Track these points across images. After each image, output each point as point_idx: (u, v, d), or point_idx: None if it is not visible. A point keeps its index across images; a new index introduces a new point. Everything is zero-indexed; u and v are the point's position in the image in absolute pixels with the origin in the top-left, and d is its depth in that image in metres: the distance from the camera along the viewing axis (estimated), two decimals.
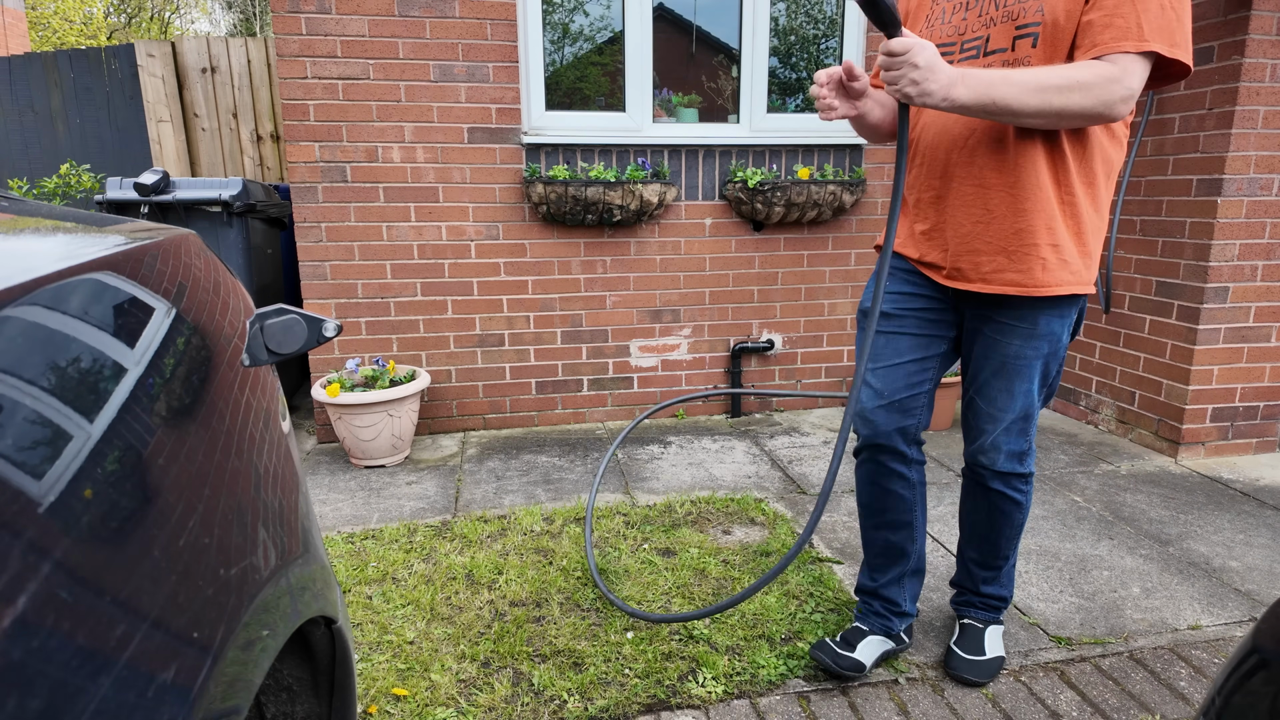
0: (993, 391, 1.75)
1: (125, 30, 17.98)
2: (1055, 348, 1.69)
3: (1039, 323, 1.66)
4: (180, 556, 0.66)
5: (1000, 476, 1.82)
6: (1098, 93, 1.42)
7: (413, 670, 1.93)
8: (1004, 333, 1.69)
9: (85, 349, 0.65)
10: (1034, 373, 1.71)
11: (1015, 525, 1.87)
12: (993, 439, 1.78)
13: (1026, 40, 1.53)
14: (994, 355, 1.72)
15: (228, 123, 4.89)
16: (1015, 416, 1.75)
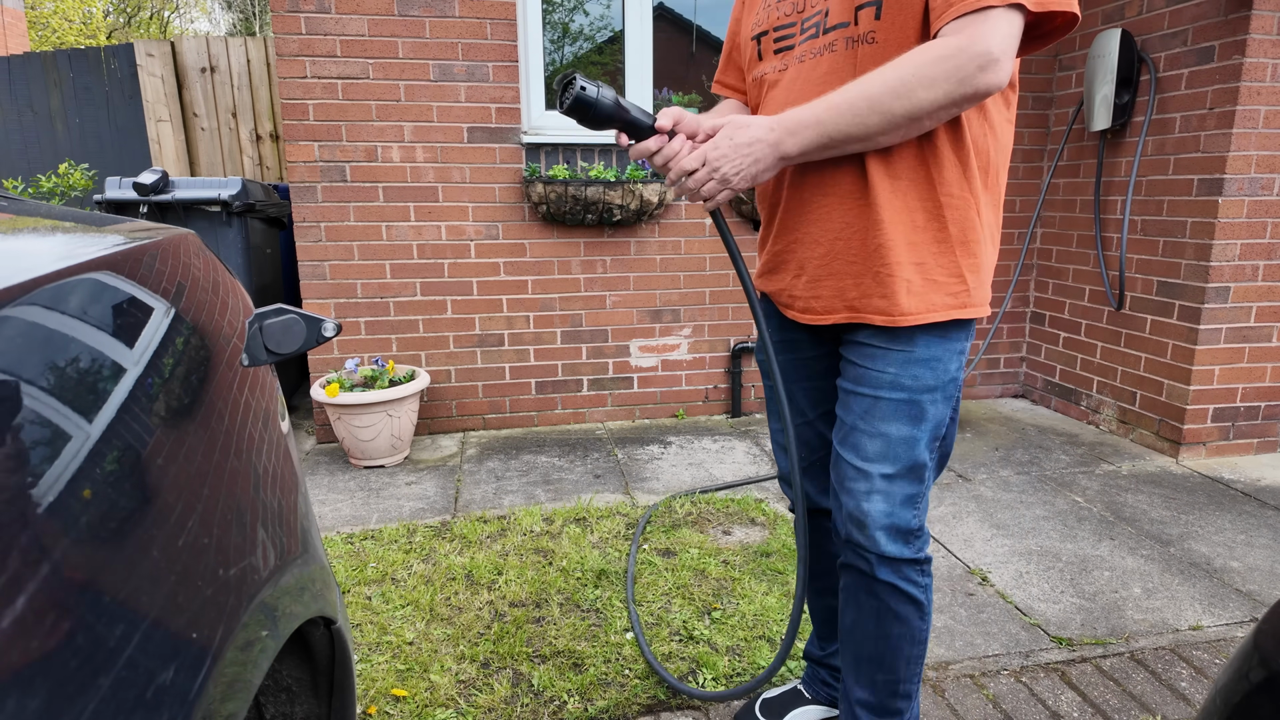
0: (861, 438, 1.31)
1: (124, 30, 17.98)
2: (941, 380, 1.29)
3: (917, 344, 1.28)
4: (179, 557, 0.66)
5: (887, 563, 1.33)
6: (946, 75, 1.11)
7: (412, 671, 1.93)
8: (875, 359, 1.30)
9: (84, 349, 0.64)
10: (916, 414, 1.28)
11: (916, 640, 1.38)
12: (865, 505, 1.31)
13: (869, 10, 1.22)
14: (863, 389, 1.31)
15: (227, 122, 4.89)
16: (894, 473, 1.29)
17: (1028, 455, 3.41)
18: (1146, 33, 3.38)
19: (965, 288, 1.27)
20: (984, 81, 1.12)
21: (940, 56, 1.11)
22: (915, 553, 1.34)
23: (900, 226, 1.25)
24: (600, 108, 1.19)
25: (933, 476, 1.35)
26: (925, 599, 1.37)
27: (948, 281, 1.26)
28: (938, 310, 1.26)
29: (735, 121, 1.20)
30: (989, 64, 1.10)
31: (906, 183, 1.24)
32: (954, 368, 1.30)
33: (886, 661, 1.38)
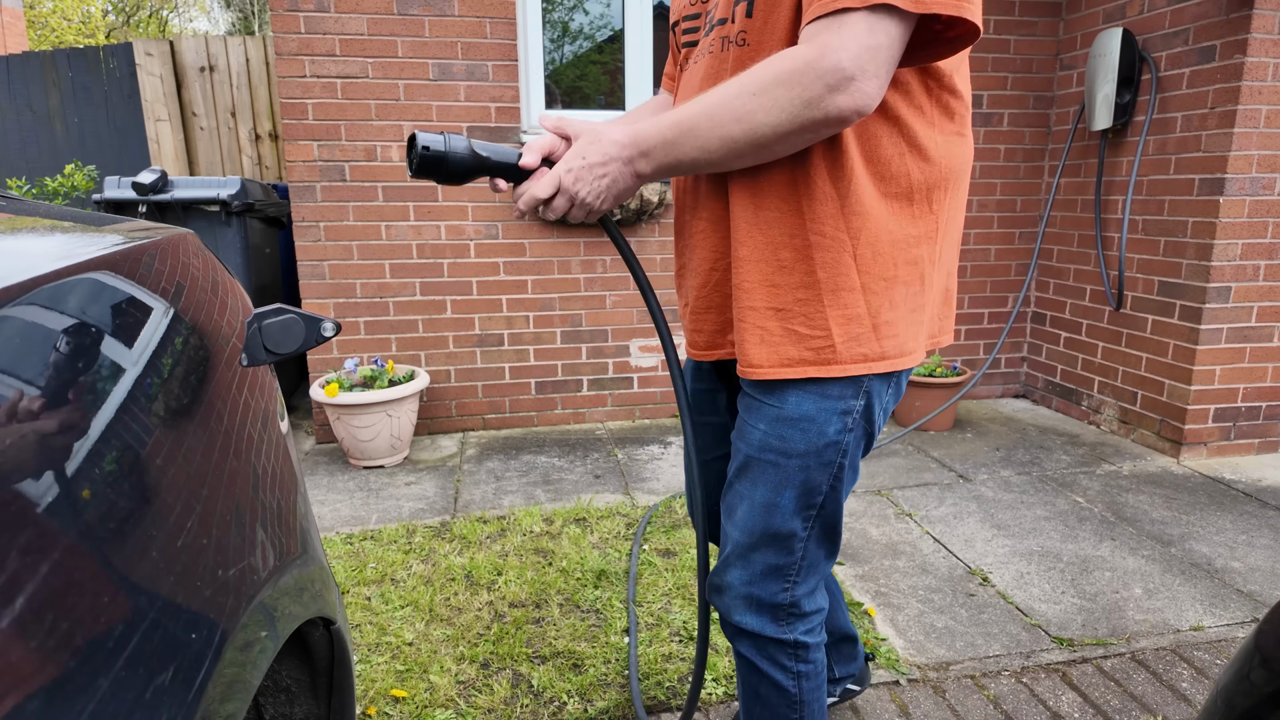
0: (731, 496, 1.19)
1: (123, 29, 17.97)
2: (814, 445, 1.10)
3: (787, 401, 1.10)
4: (178, 557, 0.65)
5: (745, 637, 1.20)
6: (790, 98, 0.92)
7: (411, 671, 1.92)
8: (750, 412, 1.15)
9: (83, 349, 0.64)
10: (783, 480, 1.12)
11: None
12: (724, 570, 1.20)
13: (741, 7, 1.05)
14: (739, 443, 1.17)
15: (226, 121, 4.89)
16: (752, 540, 1.15)
17: (1029, 455, 3.41)
18: (1148, 32, 3.37)
19: (830, 343, 1.06)
20: (837, 105, 0.91)
21: (782, 74, 0.92)
22: (781, 632, 1.18)
23: (761, 265, 1.07)
24: (453, 161, 1.05)
25: (819, 551, 1.17)
26: (794, 687, 1.20)
27: (810, 334, 1.06)
28: (791, 366, 1.08)
29: (588, 136, 1.06)
30: (841, 83, 0.90)
31: (773, 214, 1.06)
32: (833, 430, 1.10)
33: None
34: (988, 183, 3.99)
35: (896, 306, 1.08)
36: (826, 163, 1.02)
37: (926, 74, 1.03)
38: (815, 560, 1.18)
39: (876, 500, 2.94)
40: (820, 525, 1.16)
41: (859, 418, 1.11)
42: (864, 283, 1.05)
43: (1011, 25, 3.82)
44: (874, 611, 2.18)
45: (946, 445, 3.55)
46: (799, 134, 0.95)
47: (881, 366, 1.08)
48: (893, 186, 1.04)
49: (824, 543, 1.18)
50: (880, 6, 0.89)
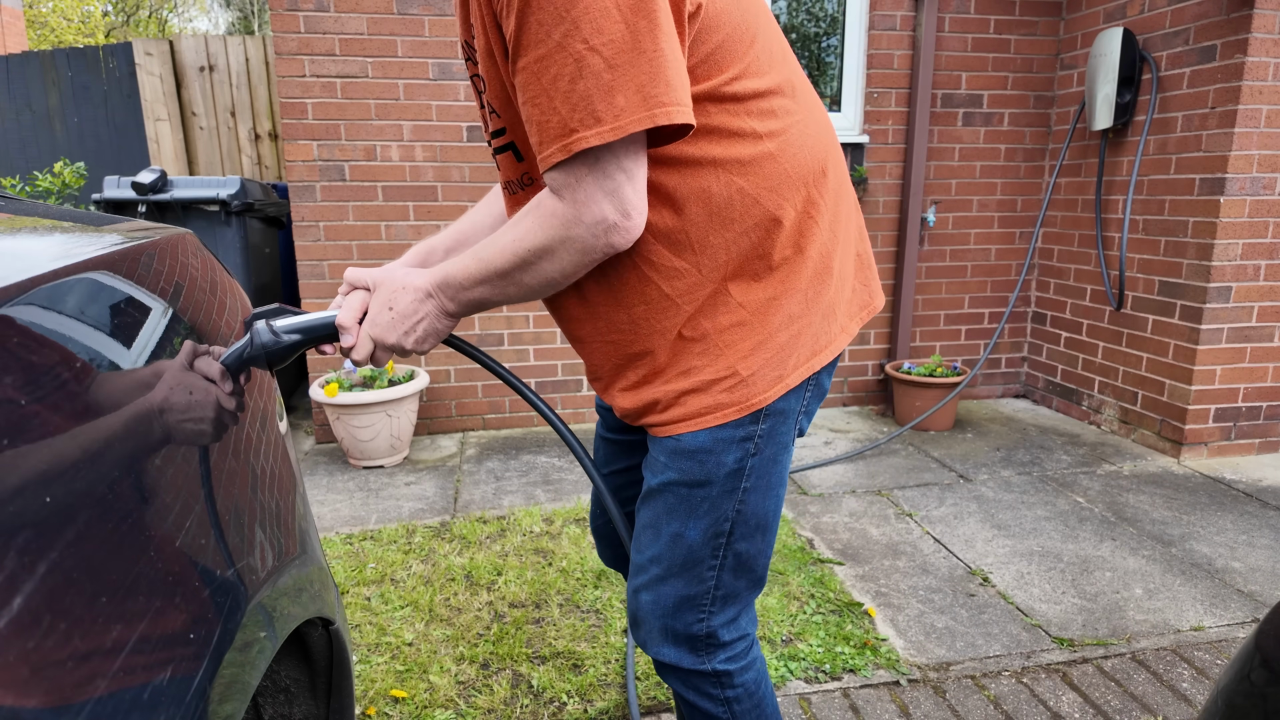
0: (638, 528, 1.16)
1: (123, 29, 17.97)
2: (714, 474, 1.07)
3: (682, 436, 1.07)
4: (177, 557, 0.65)
5: (668, 670, 1.17)
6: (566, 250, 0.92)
7: (411, 672, 1.92)
8: (654, 444, 1.12)
9: (82, 348, 0.64)
10: (689, 511, 1.09)
11: None
12: (635, 602, 1.16)
13: (507, 155, 1.04)
14: (647, 473, 1.14)
15: (226, 121, 4.89)
16: (661, 571, 1.11)
17: (1029, 455, 3.41)
18: (1148, 31, 3.37)
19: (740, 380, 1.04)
20: (612, 244, 0.91)
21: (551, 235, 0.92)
22: (700, 664, 1.14)
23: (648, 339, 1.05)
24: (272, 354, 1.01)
25: (735, 581, 1.13)
26: (727, 713, 1.16)
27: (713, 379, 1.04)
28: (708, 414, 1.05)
29: (388, 286, 1.05)
30: (608, 229, 0.90)
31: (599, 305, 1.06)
32: (732, 459, 1.06)
33: None
34: (988, 182, 3.99)
35: (798, 318, 1.05)
36: (664, 242, 1.00)
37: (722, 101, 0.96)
38: (732, 590, 1.13)
39: (877, 500, 2.94)
40: (733, 554, 1.11)
41: (762, 441, 1.08)
42: (751, 316, 1.03)
43: (1011, 25, 3.82)
44: (874, 612, 2.18)
45: (947, 445, 3.55)
46: (583, 269, 0.96)
47: (791, 381, 1.06)
48: (745, 224, 1.00)
49: (741, 573, 1.13)
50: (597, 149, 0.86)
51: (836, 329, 1.11)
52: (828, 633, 2.07)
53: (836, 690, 1.86)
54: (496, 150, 1.05)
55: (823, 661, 1.95)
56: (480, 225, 1.30)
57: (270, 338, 1.00)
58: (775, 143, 1.00)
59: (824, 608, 2.19)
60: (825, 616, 2.15)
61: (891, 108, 3.82)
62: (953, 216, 3.99)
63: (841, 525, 2.73)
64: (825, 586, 2.30)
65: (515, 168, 1.04)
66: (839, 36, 3.84)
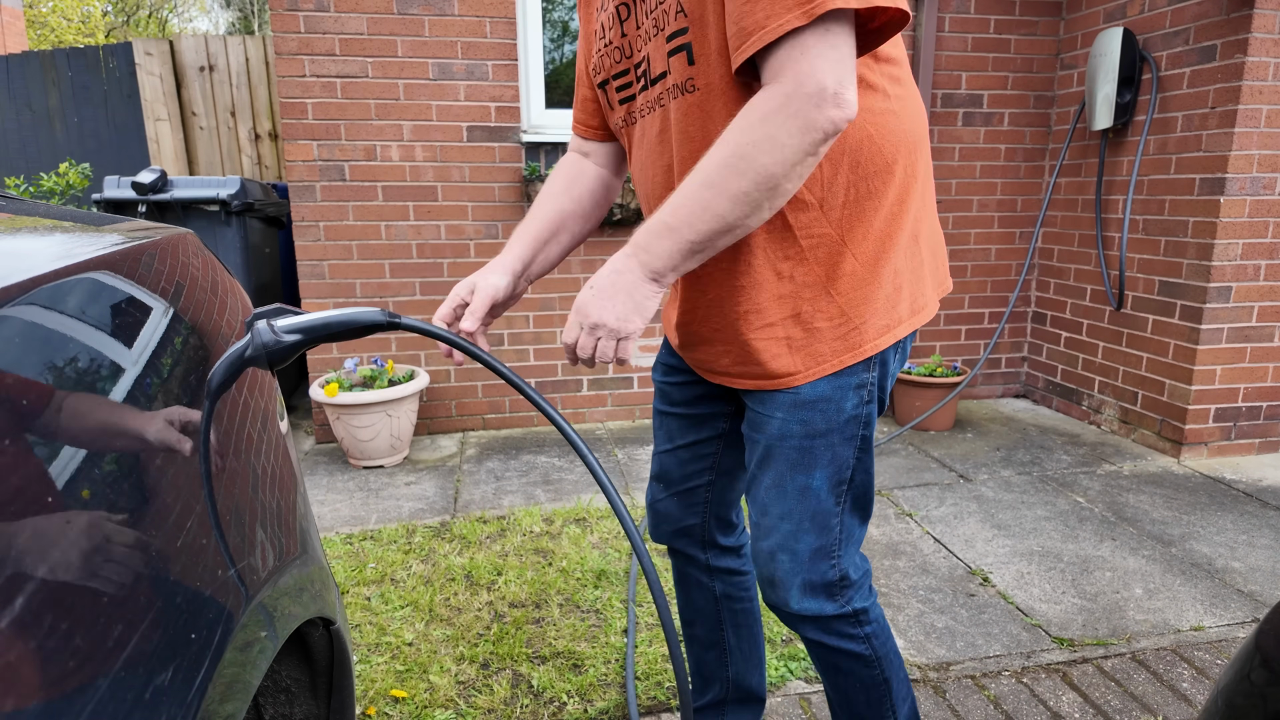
0: (758, 489, 1.20)
1: (123, 28, 17.97)
2: (835, 423, 1.13)
3: (801, 387, 1.13)
4: (178, 557, 0.65)
5: (809, 622, 1.22)
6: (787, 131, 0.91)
7: (411, 672, 1.92)
8: (762, 401, 1.17)
9: (82, 349, 0.64)
10: (813, 462, 1.15)
11: (871, 684, 1.26)
12: (771, 565, 1.20)
13: (679, 56, 1.04)
14: (757, 436, 1.19)
15: (226, 121, 4.89)
16: (794, 528, 1.17)
17: (1029, 455, 3.41)
18: (1148, 31, 3.37)
19: (853, 327, 1.10)
20: (831, 120, 0.91)
21: (769, 113, 0.91)
22: (840, 607, 1.20)
23: (764, 284, 1.10)
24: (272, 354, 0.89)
25: (853, 521, 1.20)
26: (868, 650, 1.24)
27: (830, 326, 1.10)
28: (825, 362, 1.11)
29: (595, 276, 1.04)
30: (827, 100, 0.90)
31: (760, 234, 1.08)
32: (851, 405, 1.13)
33: (846, 704, 1.30)
34: (988, 182, 3.99)
35: (901, 273, 1.12)
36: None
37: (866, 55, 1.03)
38: (851, 530, 1.20)
39: (876, 500, 2.94)
40: (852, 497, 1.18)
41: (874, 388, 1.15)
42: (856, 267, 1.09)
43: (1012, 25, 3.82)
44: None
45: (947, 445, 3.55)
46: (804, 161, 0.94)
47: (899, 333, 1.13)
48: (868, 169, 1.06)
49: (857, 512, 1.20)
50: (831, 12, 0.88)
51: (929, 295, 1.18)
52: None
53: None
54: (670, 53, 1.04)
55: None
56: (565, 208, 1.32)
57: (271, 337, 1.00)
58: (898, 104, 1.07)
59: None
60: None
61: None
62: (953, 216, 3.99)
63: None
64: None
65: (684, 71, 1.04)
66: None
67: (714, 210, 0.95)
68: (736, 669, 1.55)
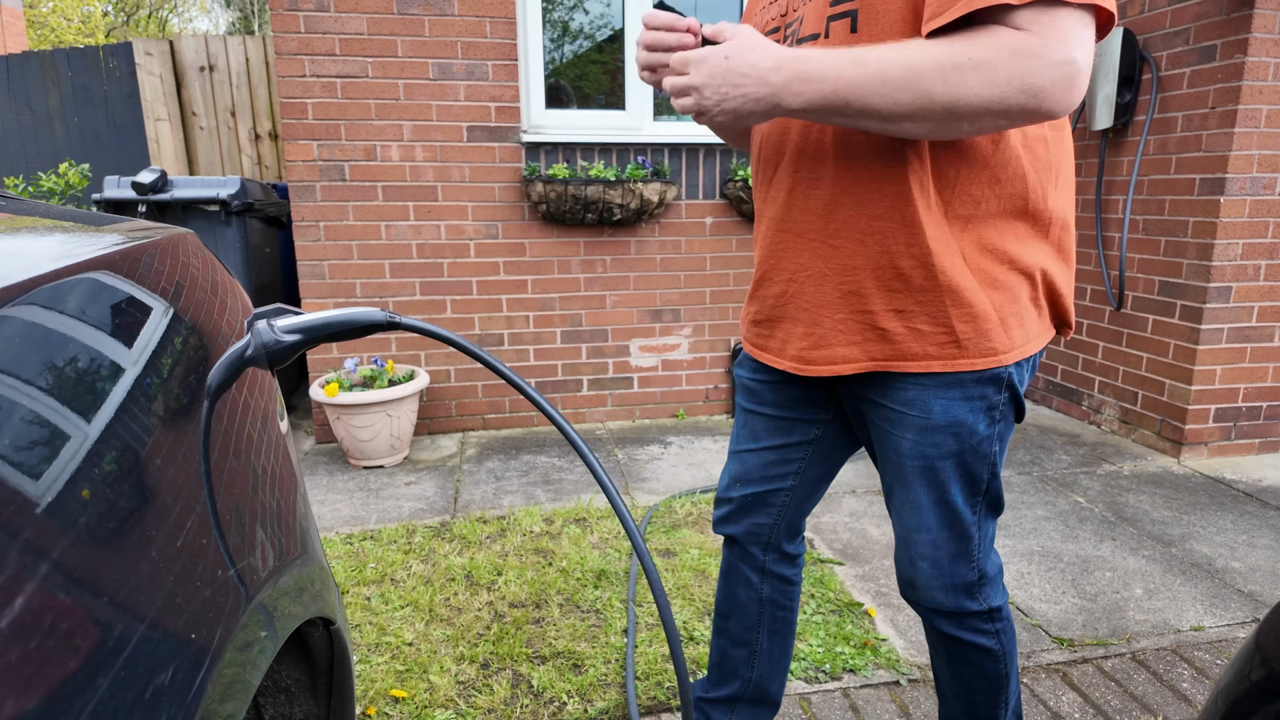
0: (897, 504, 1.24)
1: (123, 29, 17.97)
2: (969, 443, 1.14)
3: (932, 409, 1.12)
4: (178, 557, 0.65)
5: (945, 617, 1.27)
6: (1014, 76, 0.87)
7: (411, 672, 1.92)
8: (891, 422, 1.17)
9: (83, 349, 0.64)
10: (946, 478, 1.17)
11: (993, 677, 1.31)
12: (911, 570, 1.25)
13: (842, 23, 1.03)
14: (888, 452, 1.21)
15: (226, 121, 4.89)
16: (934, 537, 1.21)
17: (1029, 455, 3.41)
18: (1148, 31, 3.37)
19: (954, 338, 1.08)
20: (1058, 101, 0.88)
21: (1014, 51, 0.86)
22: (978, 604, 1.25)
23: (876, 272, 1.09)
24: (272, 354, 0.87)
25: (989, 523, 1.24)
26: (998, 645, 1.29)
27: (933, 332, 1.09)
28: (932, 359, 1.10)
29: (744, 37, 0.98)
30: (1070, 77, 0.86)
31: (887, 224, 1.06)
32: (983, 427, 1.14)
33: (963, 693, 1.35)
34: None
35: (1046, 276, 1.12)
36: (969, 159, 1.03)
37: None
38: (987, 531, 1.24)
39: (877, 500, 2.94)
40: (987, 504, 1.22)
41: (1005, 409, 1.15)
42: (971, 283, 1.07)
43: None
44: (874, 612, 2.18)
45: None
46: (995, 118, 0.91)
47: (1028, 349, 1.12)
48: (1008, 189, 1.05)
49: (991, 515, 1.24)
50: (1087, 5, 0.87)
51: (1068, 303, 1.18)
52: (828, 633, 2.07)
53: (836, 690, 1.86)
54: (832, 18, 1.04)
55: (823, 661, 1.95)
56: None
57: (271, 337, 1.00)
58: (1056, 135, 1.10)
59: (824, 608, 2.19)
60: (825, 616, 2.15)
61: None
62: None
63: (841, 525, 2.73)
64: (825, 586, 2.30)
65: (844, 38, 1.03)
66: None
67: (892, 93, 0.91)
68: (761, 672, 1.54)
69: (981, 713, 1.35)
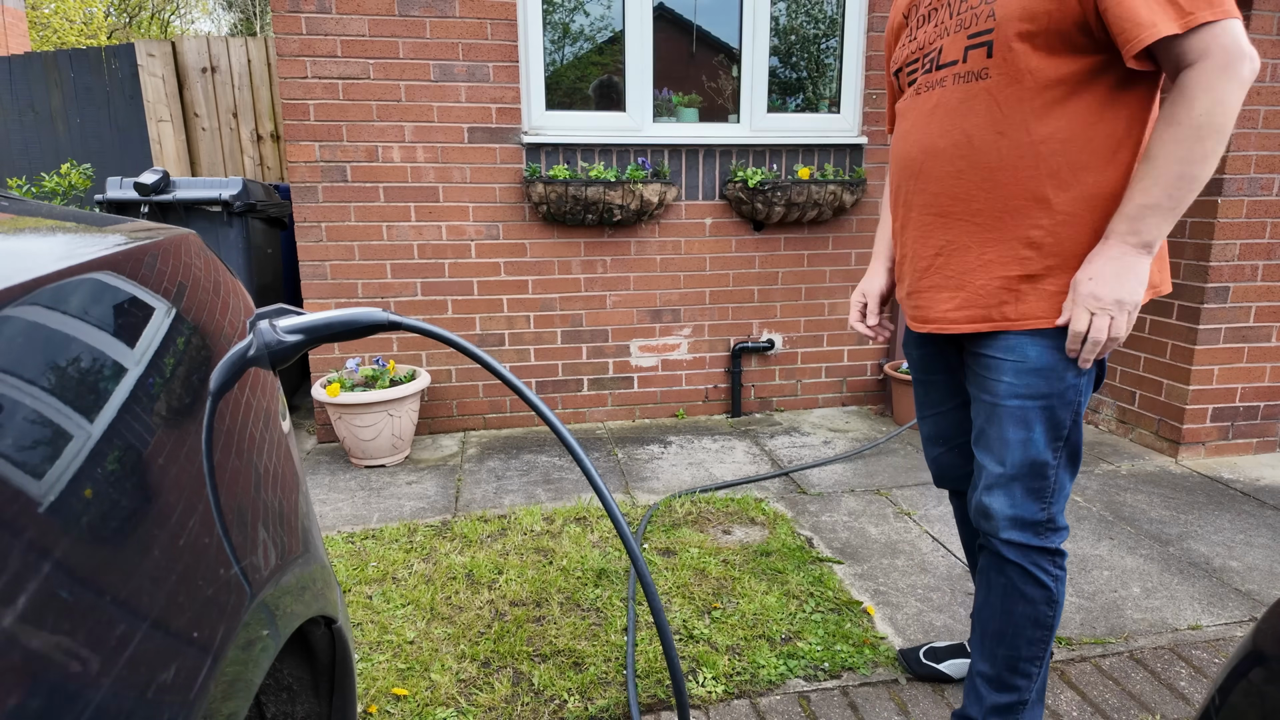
0: (985, 439, 1.44)
1: (125, 30, 17.98)
2: (1056, 388, 1.36)
3: (1029, 354, 1.36)
4: (180, 556, 0.66)
5: (1013, 546, 1.44)
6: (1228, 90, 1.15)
7: (413, 670, 1.93)
8: (991, 369, 1.40)
9: (85, 349, 0.64)
10: (1034, 419, 1.38)
11: (1040, 623, 1.46)
12: (988, 500, 1.44)
13: (979, 50, 1.32)
14: (983, 395, 1.43)
15: (228, 122, 4.89)
16: (1014, 473, 1.40)
17: None
18: None
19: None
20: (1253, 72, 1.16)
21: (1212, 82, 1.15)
22: (1043, 542, 1.43)
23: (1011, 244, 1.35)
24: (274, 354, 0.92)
25: (1065, 470, 1.42)
26: (1054, 587, 1.45)
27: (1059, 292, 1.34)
28: (1039, 318, 1.34)
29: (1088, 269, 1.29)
30: (1250, 61, 1.15)
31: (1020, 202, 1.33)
32: (1071, 375, 1.35)
33: (1008, 637, 1.48)
34: None
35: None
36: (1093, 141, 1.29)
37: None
38: (1063, 483, 1.42)
39: (875, 499, 2.95)
40: (1067, 453, 1.41)
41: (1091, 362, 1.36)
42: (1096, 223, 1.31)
43: None
44: (873, 610, 2.18)
45: None
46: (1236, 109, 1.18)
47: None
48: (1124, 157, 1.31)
49: (1069, 467, 1.42)
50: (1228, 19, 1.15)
51: (1163, 275, 1.43)
52: (827, 631, 2.08)
53: (835, 688, 1.87)
54: (971, 46, 1.32)
55: (822, 660, 1.96)
56: None
57: (273, 337, 1.01)
58: None
59: (823, 606, 2.20)
60: (824, 615, 2.16)
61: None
62: None
63: (840, 524, 2.74)
64: (824, 585, 2.30)
65: (980, 61, 1.32)
66: (838, 38, 3.84)
67: (1189, 175, 1.19)
68: None
69: (1020, 666, 1.48)
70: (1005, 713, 1.52)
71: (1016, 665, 1.49)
